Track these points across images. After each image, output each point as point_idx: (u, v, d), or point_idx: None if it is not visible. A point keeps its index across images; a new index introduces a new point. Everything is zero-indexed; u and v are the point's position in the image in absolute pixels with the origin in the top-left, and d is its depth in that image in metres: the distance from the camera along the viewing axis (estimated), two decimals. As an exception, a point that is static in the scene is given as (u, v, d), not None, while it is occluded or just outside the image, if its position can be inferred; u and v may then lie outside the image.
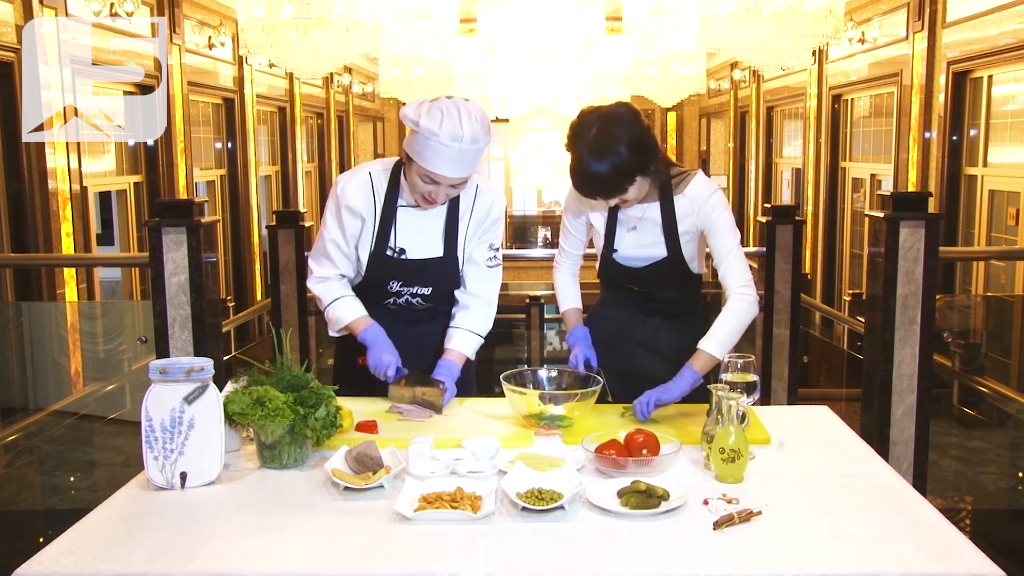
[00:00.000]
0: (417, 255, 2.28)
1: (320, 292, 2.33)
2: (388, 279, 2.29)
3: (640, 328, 2.38)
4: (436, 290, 2.32)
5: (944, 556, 1.48)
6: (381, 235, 2.26)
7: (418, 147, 2.09)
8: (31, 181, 5.40)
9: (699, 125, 14.27)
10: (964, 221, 6.57)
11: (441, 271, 2.30)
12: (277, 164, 10.12)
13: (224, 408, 1.82)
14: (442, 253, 2.30)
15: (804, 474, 1.85)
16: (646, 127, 2.15)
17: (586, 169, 2.11)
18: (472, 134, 2.07)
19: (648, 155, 2.14)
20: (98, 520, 1.64)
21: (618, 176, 2.11)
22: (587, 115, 2.15)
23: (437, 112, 2.07)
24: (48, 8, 5.49)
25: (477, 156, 2.13)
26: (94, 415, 4.68)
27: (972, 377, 4.48)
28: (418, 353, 2.35)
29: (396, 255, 2.27)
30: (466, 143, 2.07)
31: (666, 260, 2.30)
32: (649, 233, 2.30)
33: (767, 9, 4.49)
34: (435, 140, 2.06)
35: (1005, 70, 6.09)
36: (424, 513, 1.60)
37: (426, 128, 2.06)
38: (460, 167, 2.11)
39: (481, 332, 2.35)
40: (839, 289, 8.90)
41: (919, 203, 3.19)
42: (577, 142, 2.12)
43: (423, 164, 2.10)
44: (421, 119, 2.07)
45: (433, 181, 2.12)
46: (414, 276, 2.29)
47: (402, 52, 6.69)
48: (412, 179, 2.16)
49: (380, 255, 2.27)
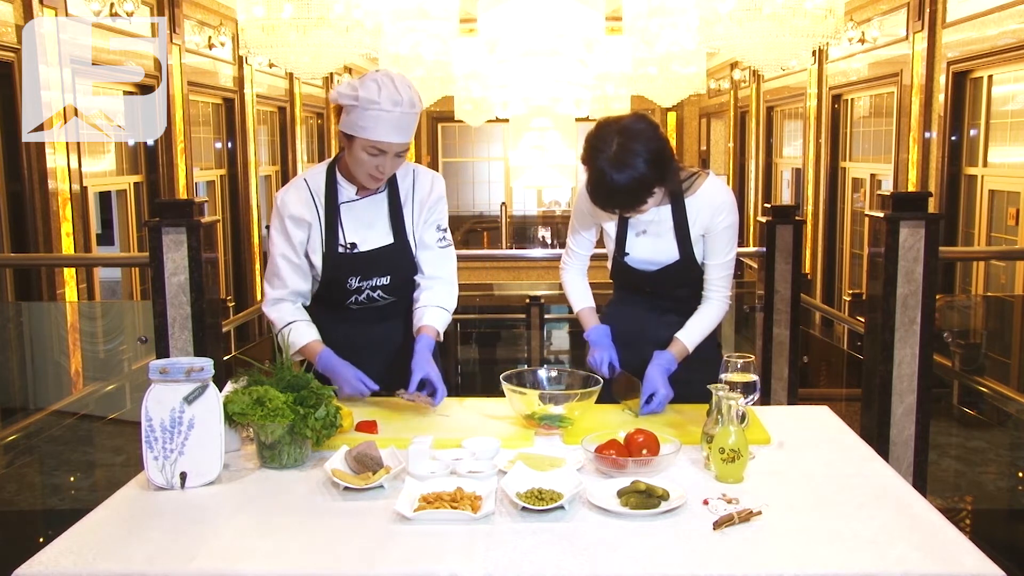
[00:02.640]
0: (369, 246, 2.31)
1: (274, 317, 2.34)
2: (346, 276, 2.31)
3: (653, 327, 2.38)
4: (395, 279, 2.34)
5: (944, 556, 1.48)
6: (330, 234, 2.29)
7: (359, 122, 2.13)
8: (31, 181, 5.41)
9: (699, 125, 14.26)
10: (964, 221, 6.57)
11: (395, 258, 2.33)
12: (277, 164, 10.12)
13: (224, 408, 1.82)
14: (392, 240, 2.32)
15: (804, 474, 1.85)
16: (664, 140, 2.16)
17: (607, 185, 2.11)
18: (410, 98, 2.13)
19: (666, 167, 2.15)
20: (98, 520, 1.64)
21: (639, 191, 2.12)
22: (604, 128, 2.14)
23: (372, 83, 2.12)
24: (48, 8, 5.49)
25: (415, 121, 2.19)
26: (94, 415, 4.68)
27: (972, 377, 4.48)
28: (382, 354, 2.37)
29: (348, 250, 2.29)
30: (406, 106, 2.12)
31: (679, 263, 2.31)
32: (661, 237, 2.31)
33: (767, 9, 4.49)
34: (376, 108, 2.10)
35: (1005, 70, 6.09)
36: (424, 513, 1.60)
37: (365, 99, 2.11)
38: (403, 132, 2.16)
39: (448, 307, 2.37)
40: (839, 289, 8.90)
41: (919, 203, 3.19)
42: (596, 156, 2.12)
43: (367, 136, 2.13)
44: (359, 91, 2.12)
45: (380, 151, 2.16)
46: (370, 268, 2.31)
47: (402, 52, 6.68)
48: (357, 158, 2.19)
49: (333, 253, 2.29)
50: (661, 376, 2.21)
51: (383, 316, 2.39)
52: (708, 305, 2.34)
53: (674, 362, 2.26)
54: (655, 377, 2.20)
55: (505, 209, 13.62)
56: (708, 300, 2.34)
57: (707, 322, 2.33)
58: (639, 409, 2.20)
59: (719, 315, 2.35)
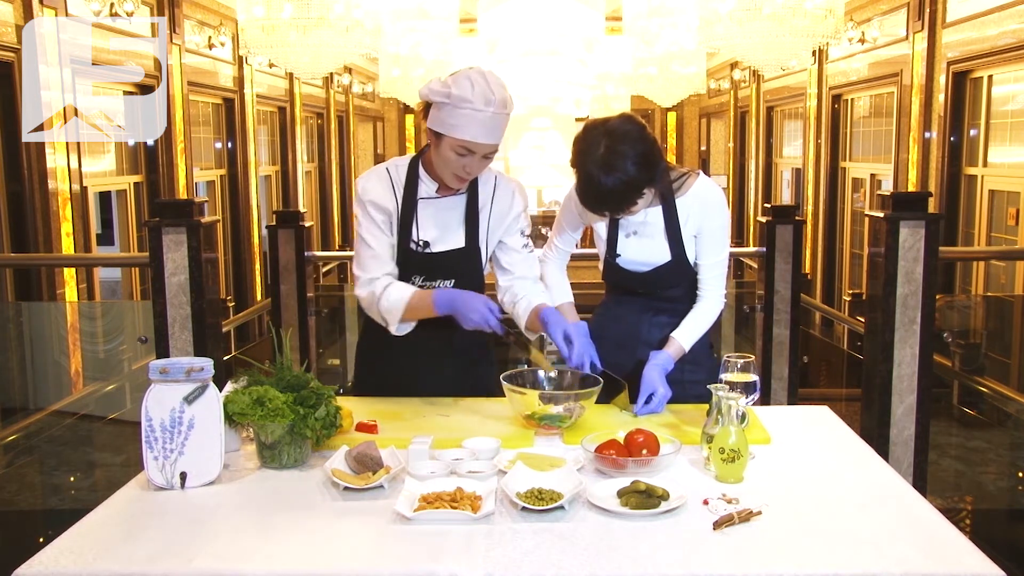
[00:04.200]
0: (440, 247, 2.26)
1: (366, 293, 2.24)
2: (411, 274, 2.26)
3: (646, 328, 2.38)
4: (459, 284, 2.28)
5: (944, 556, 1.48)
6: (403, 229, 2.24)
7: (449, 120, 2.08)
8: (31, 181, 5.40)
9: (699, 125, 14.27)
10: (964, 221, 6.57)
11: (463, 263, 2.28)
12: (277, 164, 10.12)
13: (224, 408, 1.82)
14: (464, 244, 2.27)
15: (804, 474, 1.85)
16: (652, 140, 2.14)
17: (596, 188, 2.11)
18: (502, 98, 2.08)
19: (655, 169, 2.14)
20: (98, 520, 1.64)
21: (627, 193, 2.11)
22: (592, 130, 2.14)
23: (465, 80, 2.07)
24: (48, 8, 5.49)
25: (506, 122, 2.14)
26: (94, 415, 4.68)
27: (972, 377, 4.48)
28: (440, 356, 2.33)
29: (420, 248, 2.25)
30: (498, 106, 2.07)
31: (671, 264, 2.29)
32: (652, 238, 2.29)
33: (767, 9, 4.49)
34: (468, 107, 2.05)
35: (1005, 70, 6.09)
36: (424, 513, 1.60)
37: (458, 96, 2.05)
38: (493, 133, 2.11)
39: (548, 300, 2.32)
40: (839, 289, 8.90)
41: (919, 203, 3.19)
42: (584, 160, 2.11)
43: (457, 135, 2.08)
44: (451, 89, 2.06)
45: (468, 151, 2.11)
46: (437, 269, 2.27)
47: (402, 52, 6.69)
48: (444, 157, 2.13)
49: (404, 249, 2.25)
50: (659, 375, 2.20)
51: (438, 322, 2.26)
52: (702, 304, 2.32)
53: (671, 361, 2.25)
54: (653, 377, 2.19)
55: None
56: (702, 299, 2.32)
57: (702, 321, 2.32)
58: (632, 408, 2.20)
59: (714, 314, 2.34)
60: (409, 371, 2.35)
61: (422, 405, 2.25)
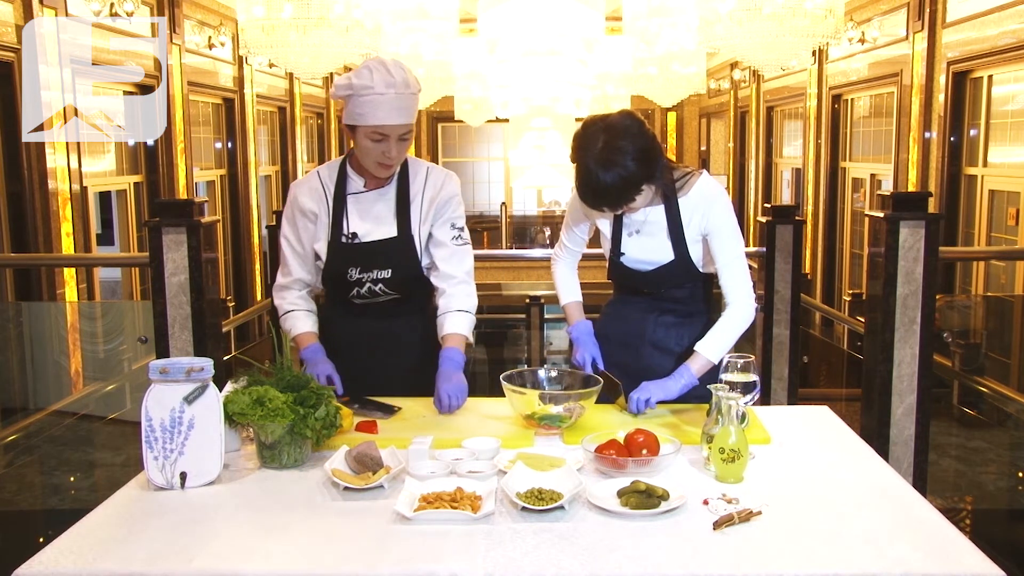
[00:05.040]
0: (371, 237, 2.33)
1: (277, 303, 2.43)
2: (346, 266, 2.32)
3: (651, 328, 2.37)
4: (396, 273, 2.34)
5: (944, 556, 1.48)
6: (335, 224, 2.33)
7: (357, 110, 2.17)
8: (31, 181, 5.41)
9: (699, 125, 14.26)
10: (964, 221, 6.57)
11: (397, 252, 2.33)
12: (277, 164, 10.12)
13: (224, 408, 1.82)
14: (396, 233, 2.33)
15: (804, 474, 1.85)
16: (651, 136, 2.14)
17: (594, 183, 2.10)
18: (403, 79, 2.17)
19: (654, 165, 2.13)
20: (98, 520, 1.64)
21: (626, 188, 2.11)
22: (591, 126, 2.14)
23: (364, 70, 2.17)
24: (48, 8, 5.49)
25: (414, 103, 2.22)
26: (94, 415, 4.68)
27: (972, 377, 4.48)
28: (392, 353, 2.38)
29: (350, 240, 2.32)
30: (400, 87, 2.16)
31: (673, 263, 2.28)
32: (655, 237, 2.28)
33: (767, 9, 4.48)
34: (371, 92, 2.14)
35: (1005, 70, 6.09)
36: (424, 513, 1.60)
37: (360, 86, 2.15)
38: (401, 113, 2.18)
39: (469, 308, 2.37)
40: (839, 289, 8.90)
41: (919, 203, 3.19)
42: (582, 155, 2.11)
43: (367, 122, 2.17)
44: (353, 80, 2.16)
45: (382, 136, 2.18)
46: (370, 260, 2.32)
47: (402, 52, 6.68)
48: (362, 147, 2.22)
49: (336, 243, 2.33)
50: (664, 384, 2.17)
51: (390, 314, 2.39)
52: (729, 310, 2.23)
53: (694, 379, 2.17)
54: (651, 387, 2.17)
55: (505, 209, 13.61)
56: (728, 305, 2.23)
57: (730, 329, 2.21)
58: (626, 406, 2.19)
59: (743, 318, 2.23)
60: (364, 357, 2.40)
61: (422, 405, 2.25)
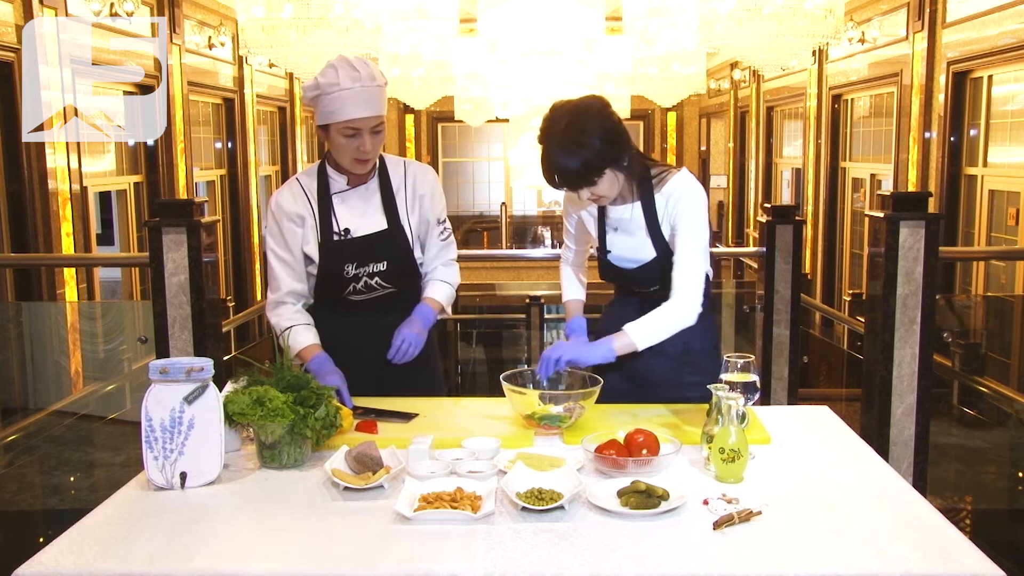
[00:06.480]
0: (363, 232, 2.34)
1: (274, 321, 2.38)
2: (342, 264, 2.33)
3: None
4: (392, 265, 2.35)
5: (944, 556, 1.48)
6: (324, 224, 2.34)
7: (327, 108, 2.20)
8: (31, 181, 5.41)
9: (699, 125, 14.26)
10: (964, 221, 6.57)
11: (390, 243, 2.35)
12: (277, 164, 10.12)
13: (224, 408, 1.82)
14: (386, 225, 2.36)
15: (804, 474, 1.85)
16: (617, 119, 2.14)
17: (553, 160, 2.10)
18: (368, 73, 2.19)
19: (618, 148, 2.11)
20: (98, 520, 1.64)
21: (586, 167, 2.08)
22: (558, 108, 2.15)
23: (329, 68, 2.21)
24: (48, 8, 5.49)
25: (381, 95, 2.24)
26: (94, 415, 4.68)
27: (972, 377, 4.48)
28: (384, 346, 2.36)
29: (343, 236, 2.33)
30: (366, 80, 2.18)
31: (656, 261, 2.26)
32: (635, 236, 2.28)
33: (767, 9, 4.48)
34: (337, 89, 2.17)
35: (1005, 70, 6.09)
36: (424, 513, 1.60)
37: (326, 84, 2.18)
38: (370, 106, 2.20)
39: (451, 281, 2.46)
40: (839, 289, 8.89)
41: (919, 203, 3.19)
42: (548, 135, 2.12)
43: (338, 119, 2.19)
44: (319, 80, 2.20)
45: (355, 131, 2.21)
46: (365, 253, 2.33)
47: (402, 52, 6.68)
48: (337, 145, 2.24)
49: (328, 242, 2.33)
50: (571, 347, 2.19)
51: (386, 309, 2.39)
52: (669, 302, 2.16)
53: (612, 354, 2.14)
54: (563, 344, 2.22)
55: (505, 209, 13.61)
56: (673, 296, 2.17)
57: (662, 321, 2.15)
58: None
59: (679, 317, 2.16)
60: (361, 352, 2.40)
61: (422, 405, 2.25)
